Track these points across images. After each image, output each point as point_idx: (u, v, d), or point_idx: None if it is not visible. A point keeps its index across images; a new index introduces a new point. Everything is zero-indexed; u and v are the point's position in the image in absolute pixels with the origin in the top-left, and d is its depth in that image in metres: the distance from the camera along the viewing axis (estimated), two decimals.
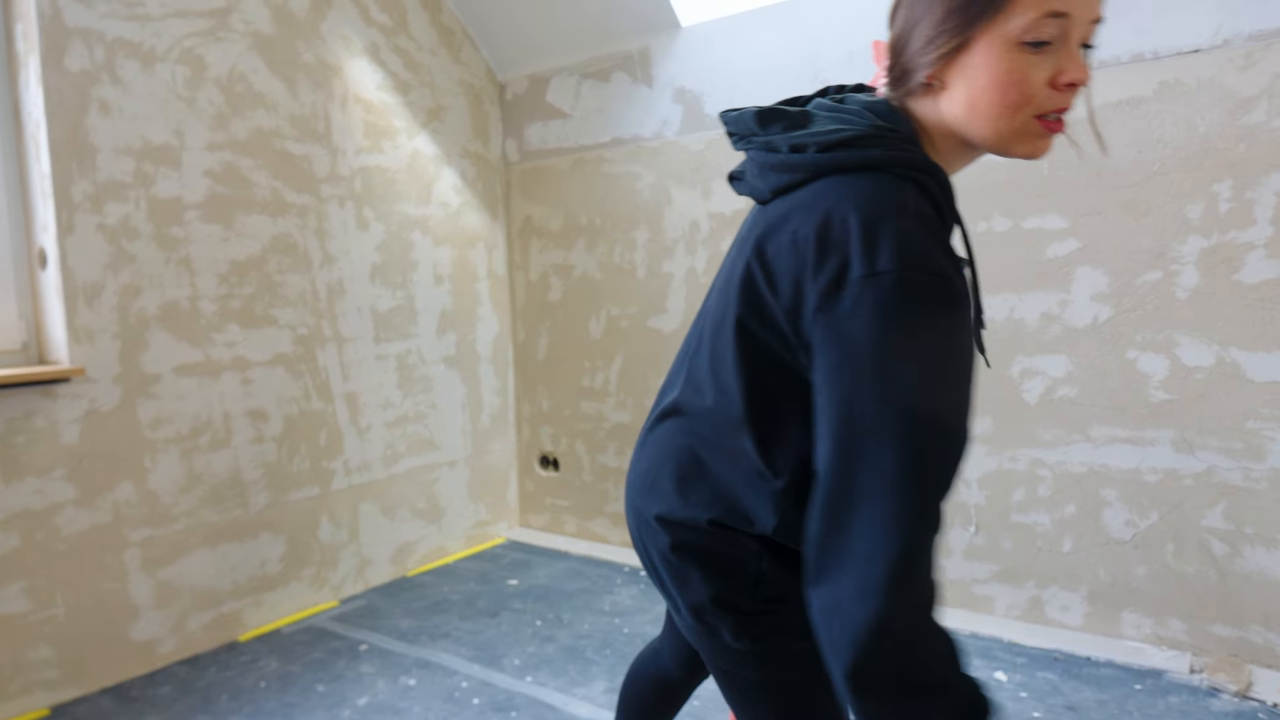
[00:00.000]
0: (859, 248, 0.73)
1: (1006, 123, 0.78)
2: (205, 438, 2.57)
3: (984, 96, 0.77)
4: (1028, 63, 0.75)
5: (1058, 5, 0.73)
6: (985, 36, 0.75)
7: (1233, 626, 2.21)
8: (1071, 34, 0.75)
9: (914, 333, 0.70)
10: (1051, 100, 0.76)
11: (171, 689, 2.31)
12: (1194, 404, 2.21)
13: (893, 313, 0.70)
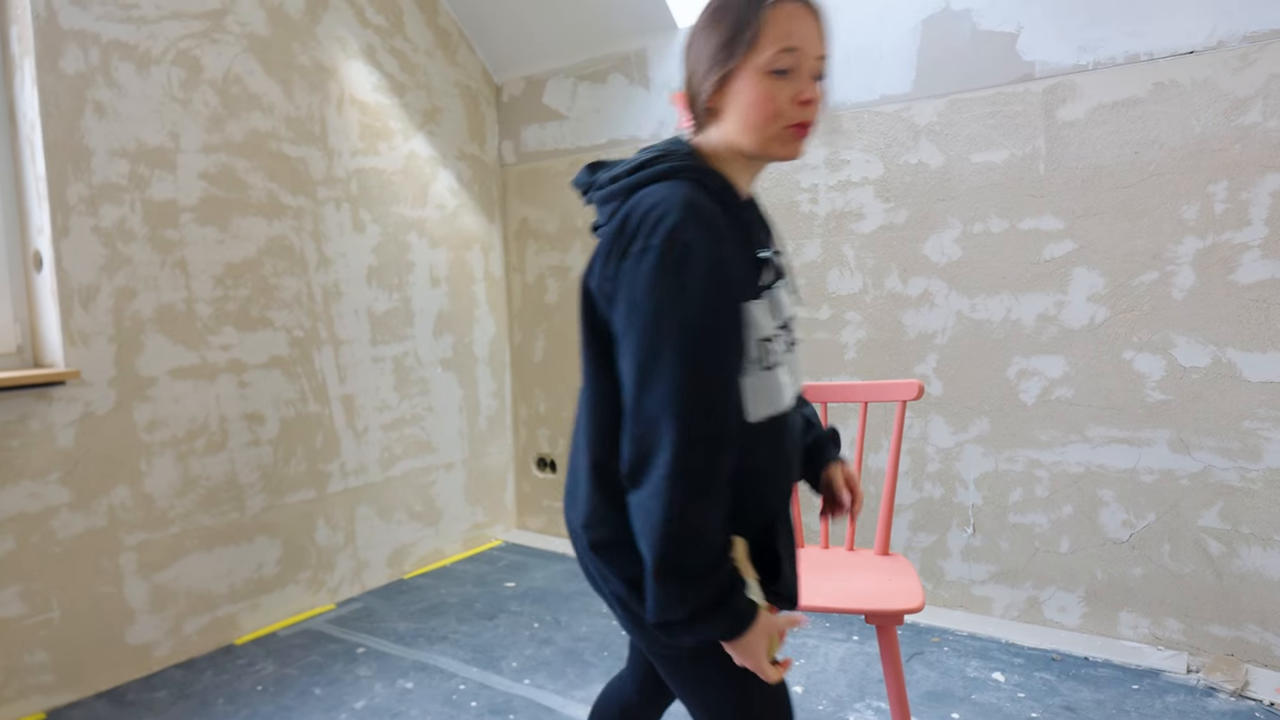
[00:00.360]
0: (643, 230, 0.98)
1: (767, 131, 1.03)
2: (201, 441, 2.56)
3: (747, 114, 1.03)
4: (775, 86, 1.01)
5: (788, 42, 1.00)
6: (743, 68, 1.02)
7: (1229, 626, 2.21)
8: (804, 65, 1.02)
9: (677, 288, 0.95)
10: (795, 114, 1.02)
11: (168, 693, 2.31)
12: (1190, 404, 2.21)
13: (660, 272, 0.95)
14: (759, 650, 0.98)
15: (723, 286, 0.96)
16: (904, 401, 1.82)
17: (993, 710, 2.05)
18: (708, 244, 0.96)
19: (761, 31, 1.00)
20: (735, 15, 1.02)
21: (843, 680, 2.23)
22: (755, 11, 1.01)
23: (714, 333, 0.95)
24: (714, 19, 1.04)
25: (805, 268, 2.80)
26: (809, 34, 1.02)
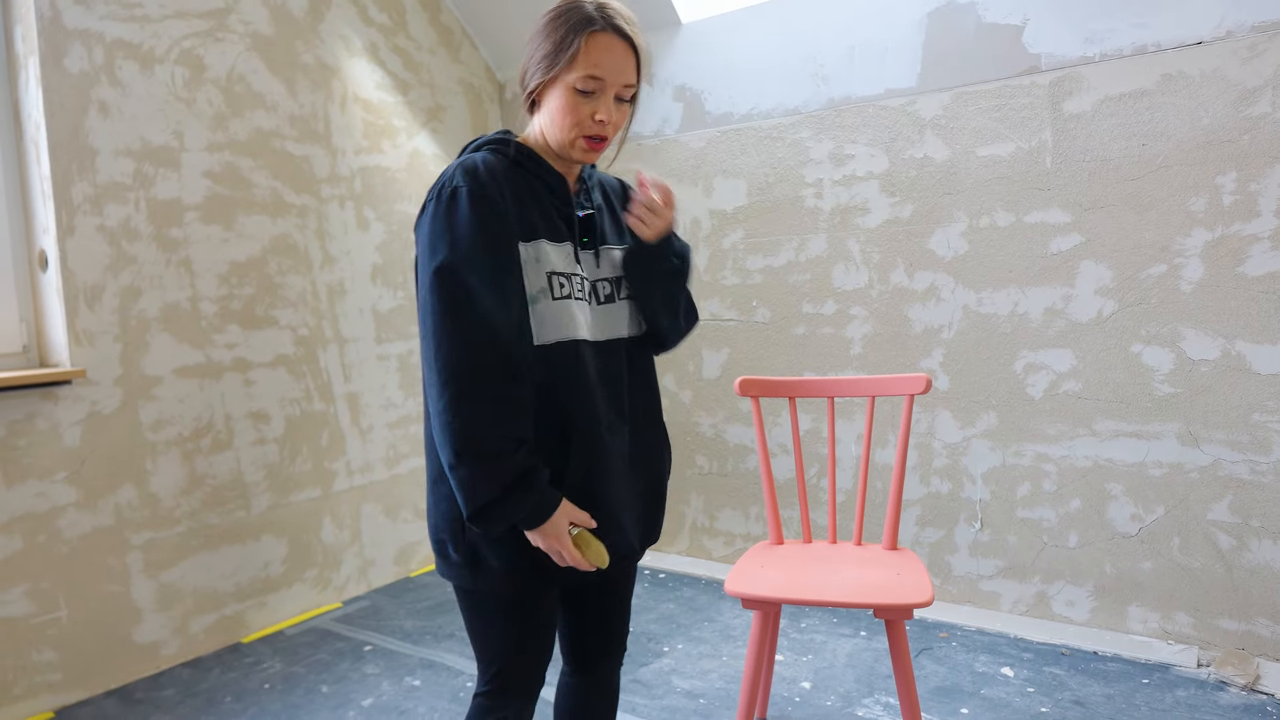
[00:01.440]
0: (430, 192, 1.18)
1: (562, 136, 1.20)
2: (207, 440, 2.56)
3: (554, 118, 1.20)
4: (578, 101, 1.19)
5: (594, 72, 1.17)
6: (559, 79, 1.19)
7: (1240, 620, 2.20)
8: (608, 90, 1.19)
9: (443, 227, 1.13)
10: (591, 129, 1.20)
11: (175, 691, 2.31)
12: (1199, 397, 2.20)
13: (433, 214, 1.14)
14: (561, 531, 1.13)
15: (486, 219, 1.13)
16: (911, 395, 1.81)
17: (1002, 705, 2.04)
18: (474, 188, 1.14)
19: (577, 55, 1.17)
20: (561, 34, 1.18)
21: (851, 676, 2.22)
22: (575, 36, 1.17)
23: (478, 257, 1.12)
24: (548, 28, 1.20)
25: (810, 263, 2.79)
26: (617, 66, 1.18)
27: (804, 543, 1.91)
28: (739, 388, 1.91)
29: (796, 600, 1.57)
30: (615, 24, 1.19)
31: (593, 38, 1.17)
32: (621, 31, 1.19)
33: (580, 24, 1.17)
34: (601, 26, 1.17)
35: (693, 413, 3.13)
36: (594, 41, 1.17)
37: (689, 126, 3.04)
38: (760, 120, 2.86)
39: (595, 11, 1.19)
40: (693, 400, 3.13)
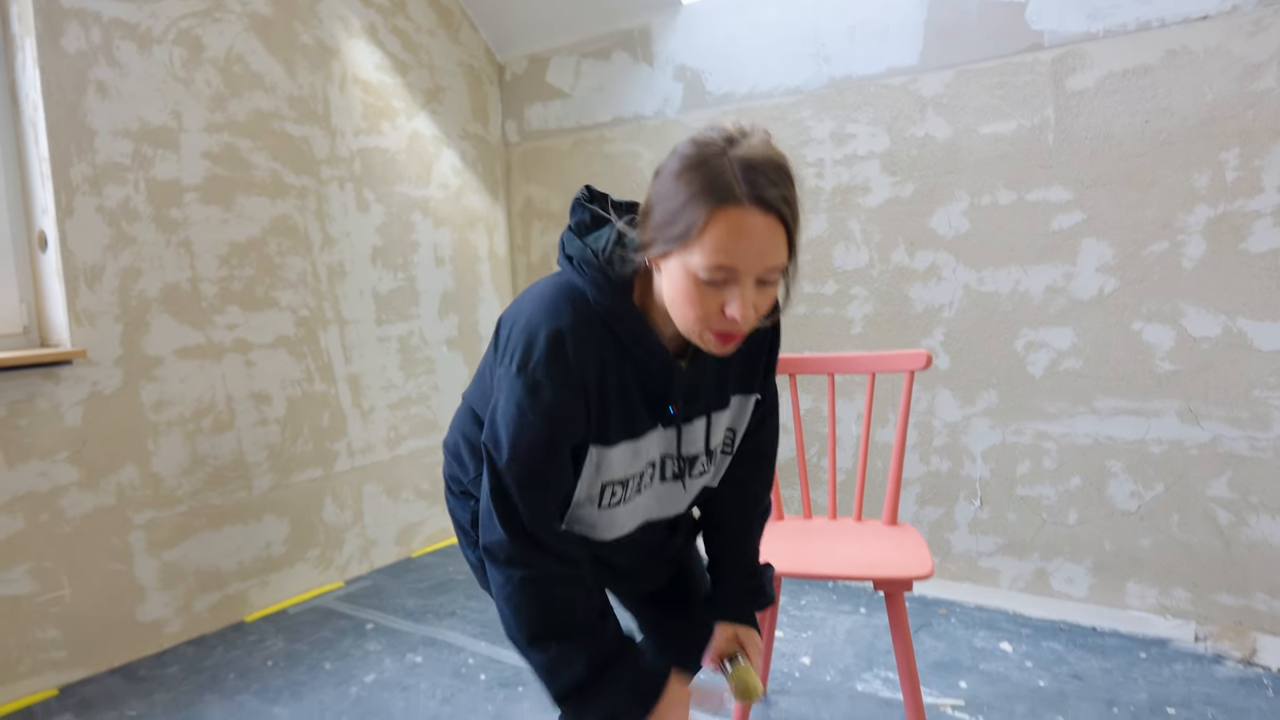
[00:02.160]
0: (512, 349, 1.01)
1: (686, 325, 0.97)
2: (208, 420, 2.57)
3: (672, 301, 0.96)
4: (703, 292, 0.92)
5: (724, 261, 0.89)
6: (678, 256, 0.92)
7: (1238, 595, 2.21)
8: (742, 279, 0.91)
9: (518, 415, 1.00)
10: (720, 323, 0.94)
11: (179, 669, 2.32)
12: (1200, 374, 2.20)
13: (513, 396, 1.00)
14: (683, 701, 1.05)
15: (550, 428, 1.00)
16: (912, 371, 1.81)
17: (1000, 679, 2.06)
18: (555, 393, 0.99)
19: (701, 233, 0.89)
20: (684, 198, 0.90)
21: (850, 652, 2.23)
22: (701, 209, 0.89)
23: (534, 459, 1.01)
24: (675, 178, 0.92)
25: (811, 243, 2.78)
26: (754, 251, 0.89)
27: (804, 519, 1.92)
28: None
29: (796, 574, 1.58)
30: (761, 195, 0.88)
31: (721, 213, 0.88)
32: (769, 205, 0.88)
33: (709, 192, 0.88)
34: (739, 200, 0.87)
35: None
36: (724, 221, 0.88)
37: (690, 107, 3.03)
38: (761, 100, 2.85)
39: (736, 172, 0.88)
40: None
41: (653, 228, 0.95)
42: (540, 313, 1.00)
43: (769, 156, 0.91)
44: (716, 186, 0.88)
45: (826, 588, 2.67)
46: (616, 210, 1.10)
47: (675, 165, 0.93)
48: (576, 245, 1.04)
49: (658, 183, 0.96)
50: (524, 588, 1.02)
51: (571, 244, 1.05)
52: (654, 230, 0.94)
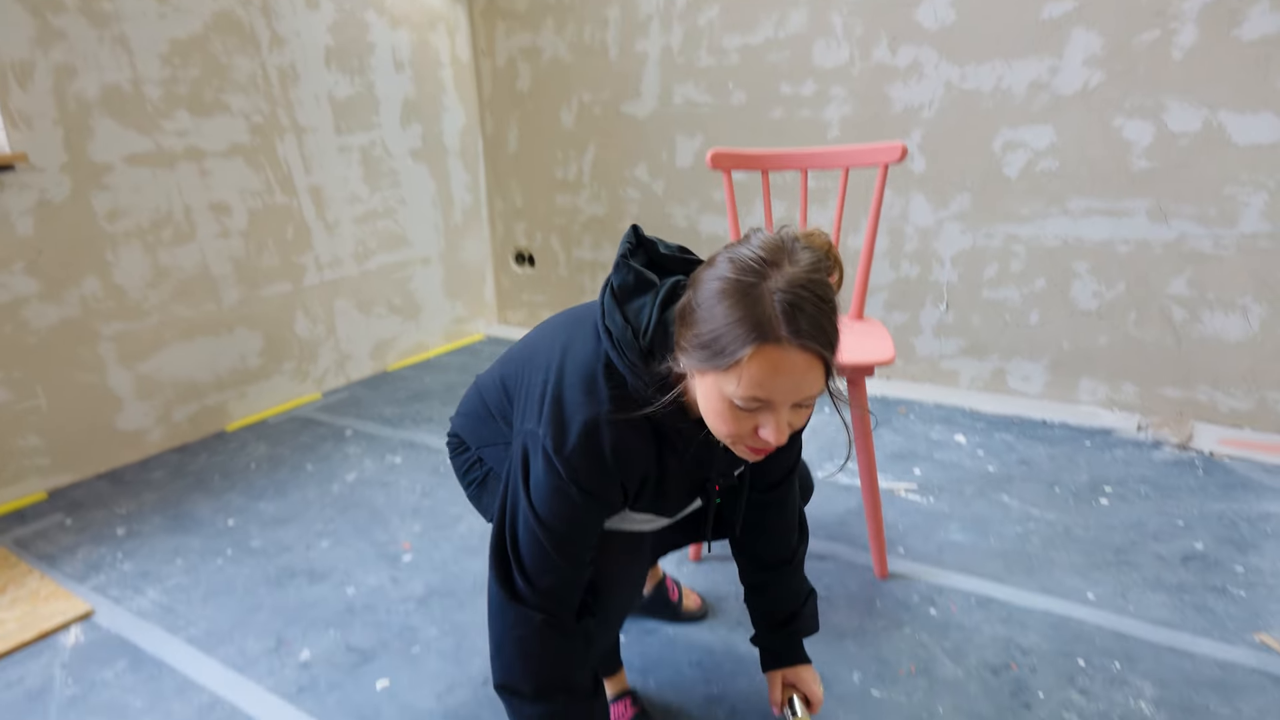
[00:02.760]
0: (549, 423, 0.99)
1: (721, 436, 0.95)
2: (167, 231, 2.50)
3: (706, 414, 0.94)
4: (737, 414, 0.91)
5: (760, 395, 0.88)
6: (714, 376, 0.90)
7: (1182, 388, 2.31)
8: (778, 409, 0.90)
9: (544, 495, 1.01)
10: (754, 441, 0.94)
11: (164, 473, 2.39)
12: (1175, 171, 2.18)
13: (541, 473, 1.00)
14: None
15: (580, 510, 1.00)
16: (886, 165, 1.77)
17: (952, 466, 2.17)
18: (591, 484, 0.99)
19: (739, 365, 0.87)
20: (723, 325, 0.87)
21: (813, 445, 2.34)
22: (740, 343, 0.86)
23: (561, 525, 1.01)
24: (718, 303, 0.88)
25: (790, 40, 2.64)
26: (791, 387, 0.88)
27: None
28: (711, 160, 1.86)
29: None
30: (796, 336, 0.85)
31: (762, 354, 0.86)
32: (808, 345, 0.86)
33: (752, 330, 0.85)
34: (775, 339, 0.85)
35: (666, 204, 3.08)
36: (764, 359, 0.86)
37: None
38: None
39: (779, 309, 0.85)
40: (666, 190, 3.07)
41: (691, 342, 0.92)
42: (579, 392, 1.00)
43: (809, 288, 0.87)
44: (757, 324, 0.86)
45: None
46: (663, 264, 1.06)
47: (715, 287, 0.90)
48: (618, 321, 0.99)
49: (697, 294, 0.92)
50: (543, 633, 1.02)
51: (612, 316, 1.00)
52: (692, 345, 0.92)
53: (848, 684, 1.41)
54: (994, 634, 1.52)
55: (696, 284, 0.93)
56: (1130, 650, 1.45)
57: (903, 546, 1.82)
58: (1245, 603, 1.57)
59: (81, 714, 1.42)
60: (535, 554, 1.01)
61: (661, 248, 1.07)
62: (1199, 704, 1.32)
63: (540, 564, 1.01)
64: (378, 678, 1.48)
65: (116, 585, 1.82)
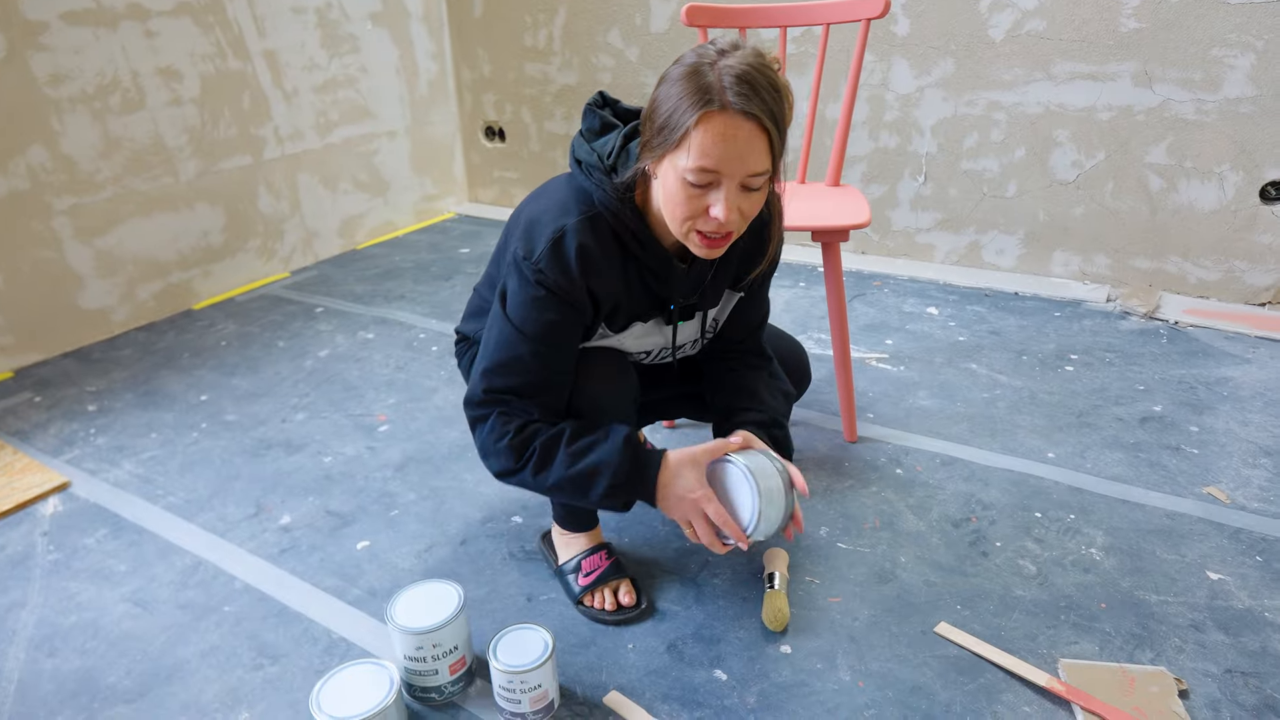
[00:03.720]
0: (523, 246, 1.07)
1: (675, 227, 1.02)
2: (115, 98, 2.37)
3: (664, 203, 1.01)
4: (690, 193, 0.97)
5: (707, 164, 0.94)
6: (669, 159, 0.97)
7: (1153, 259, 2.33)
8: (725, 183, 0.96)
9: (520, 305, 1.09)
10: (705, 224, 0.99)
11: (132, 351, 2.36)
12: (1163, 32, 2.12)
13: (519, 288, 1.09)
14: (686, 511, 1.10)
15: (560, 325, 1.08)
16: (867, 20, 1.70)
17: (924, 336, 2.20)
18: (557, 290, 1.06)
19: (687, 137, 0.94)
20: (675, 104, 0.95)
21: (788, 318, 2.35)
22: (688, 114, 0.94)
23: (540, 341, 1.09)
24: (667, 90, 0.97)
25: None
26: (737, 155, 0.94)
27: None
28: (685, 16, 1.78)
29: None
30: (739, 103, 0.92)
31: (707, 119, 0.93)
32: (750, 112, 0.92)
33: (697, 98, 0.93)
34: (720, 105, 0.92)
35: (640, 72, 2.96)
36: (709, 123, 0.93)
37: None
38: None
39: (717, 79, 0.93)
40: (640, 57, 2.94)
41: (650, 132, 0.99)
42: (548, 212, 1.08)
43: (758, 69, 0.94)
44: (704, 93, 0.93)
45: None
46: (625, 118, 1.15)
47: (674, 73, 0.97)
48: (584, 149, 1.09)
49: (658, 90, 0.99)
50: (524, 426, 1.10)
51: (580, 148, 1.10)
52: (651, 135, 0.99)
53: (814, 538, 1.46)
54: (956, 491, 1.57)
55: (661, 80, 1.00)
56: (1085, 503, 1.52)
57: (872, 413, 1.85)
58: (1197, 459, 1.63)
59: (65, 579, 1.45)
60: (514, 366, 1.09)
61: (623, 105, 1.17)
62: (1146, 550, 1.39)
63: (518, 370, 1.09)
64: (358, 540, 1.52)
65: (91, 459, 1.82)
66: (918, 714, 1.09)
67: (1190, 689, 1.12)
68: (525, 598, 1.35)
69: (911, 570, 1.37)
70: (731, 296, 1.28)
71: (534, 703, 1.09)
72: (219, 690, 1.19)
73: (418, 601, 1.14)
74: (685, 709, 1.12)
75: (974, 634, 1.22)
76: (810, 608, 1.29)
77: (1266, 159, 2.11)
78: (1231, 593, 1.29)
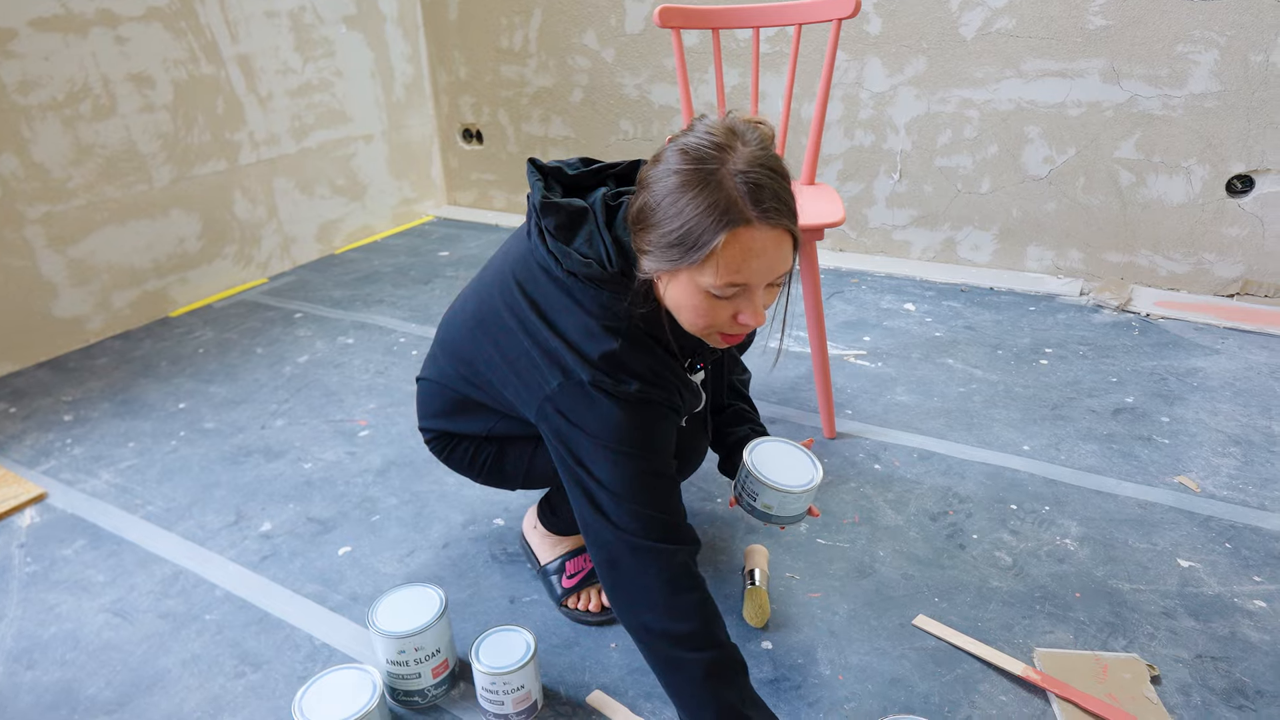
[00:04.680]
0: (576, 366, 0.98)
1: (695, 330, 0.96)
2: (86, 105, 2.34)
3: (680, 312, 0.95)
4: (714, 304, 0.91)
5: (738, 280, 0.88)
6: (687, 273, 0.90)
7: (1124, 253, 2.36)
8: (754, 291, 0.91)
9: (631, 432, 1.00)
10: (730, 328, 0.95)
11: (109, 360, 2.34)
12: (1129, 29, 2.15)
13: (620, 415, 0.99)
14: None
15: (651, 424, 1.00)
16: (839, 20, 1.72)
17: (901, 332, 2.22)
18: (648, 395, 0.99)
19: (712, 255, 0.87)
20: (689, 220, 0.87)
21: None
22: (710, 233, 0.86)
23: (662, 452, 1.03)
24: (677, 199, 0.87)
25: None
26: (766, 266, 0.89)
27: None
28: (659, 17, 1.79)
29: None
30: (770, 215, 0.86)
31: (735, 239, 0.86)
32: (775, 224, 0.87)
33: (721, 216, 0.85)
34: (749, 221, 0.85)
35: (615, 73, 2.97)
36: (737, 243, 0.86)
37: None
38: None
39: (743, 191, 0.85)
40: (616, 59, 2.95)
41: (656, 244, 0.91)
42: (582, 340, 0.98)
43: (767, 164, 0.88)
44: (724, 209, 0.86)
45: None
46: (575, 186, 1.06)
47: (673, 182, 0.89)
48: (576, 261, 0.98)
49: (652, 194, 0.91)
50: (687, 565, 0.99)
51: (568, 258, 0.98)
52: (658, 247, 0.91)
53: (795, 533, 1.47)
54: (934, 485, 1.59)
55: (647, 184, 0.92)
56: (1059, 495, 1.54)
57: (850, 409, 1.87)
58: (1169, 449, 1.66)
59: (43, 589, 1.44)
60: (637, 491, 0.97)
61: (568, 169, 1.07)
62: (1119, 539, 1.42)
63: (646, 496, 0.98)
64: (339, 545, 1.51)
65: (68, 469, 1.80)
66: (897, 705, 1.11)
67: (1162, 675, 1.14)
68: (508, 599, 1.35)
69: (890, 564, 1.38)
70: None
71: (517, 704, 1.09)
72: (201, 699, 1.19)
73: (400, 606, 1.15)
74: (668, 706, 1.13)
75: (952, 626, 1.24)
76: (790, 603, 1.31)
77: (1232, 153, 2.15)
78: (1202, 580, 1.32)
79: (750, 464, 1.15)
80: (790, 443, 1.21)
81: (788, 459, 1.17)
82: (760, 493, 1.14)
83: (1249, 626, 1.22)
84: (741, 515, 1.52)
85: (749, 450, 1.18)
